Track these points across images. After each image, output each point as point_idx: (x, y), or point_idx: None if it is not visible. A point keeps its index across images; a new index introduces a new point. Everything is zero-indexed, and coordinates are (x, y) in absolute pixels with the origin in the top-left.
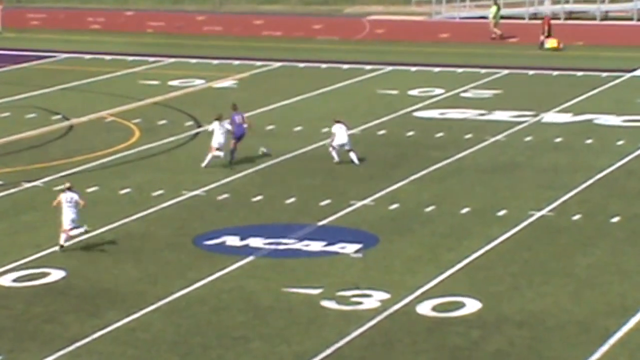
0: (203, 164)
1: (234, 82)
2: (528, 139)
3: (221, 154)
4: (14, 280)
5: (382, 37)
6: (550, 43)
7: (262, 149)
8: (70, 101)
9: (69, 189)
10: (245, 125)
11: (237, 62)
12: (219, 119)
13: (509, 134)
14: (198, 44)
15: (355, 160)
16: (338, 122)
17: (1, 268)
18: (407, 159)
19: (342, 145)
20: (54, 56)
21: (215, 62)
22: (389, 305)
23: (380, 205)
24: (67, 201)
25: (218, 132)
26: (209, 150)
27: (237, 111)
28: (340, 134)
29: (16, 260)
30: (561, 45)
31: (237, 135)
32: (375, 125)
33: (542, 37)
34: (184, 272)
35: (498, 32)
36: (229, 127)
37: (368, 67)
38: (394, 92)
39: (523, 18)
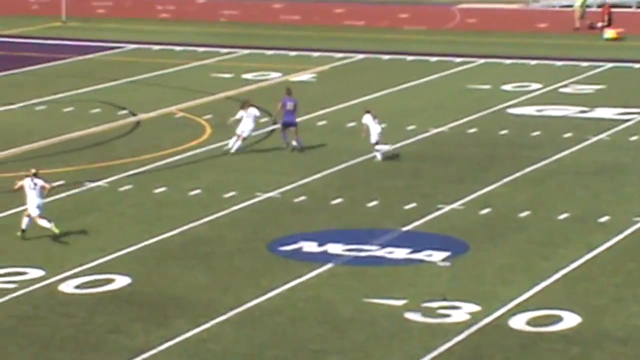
0: (232, 150)
1: (313, 75)
2: (634, 138)
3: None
4: (77, 287)
5: (474, 27)
6: (610, 33)
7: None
8: (137, 95)
9: (35, 175)
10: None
11: (316, 54)
12: (244, 106)
13: (612, 132)
14: (274, 34)
15: (379, 156)
16: (368, 112)
17: (63, 274)
18: (500, 160)
19: (379, 140)
20: (121, 47)
21: (293, 53)
22: (479, 319)
23: (471, 209)
24: (30, 187)
25: (246, 119)
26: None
27: (290, 96)
28: (373, 127)
29: (79, 266)
30: (620, 35)
31: (286, 122)
32: (465, 123)
33: (599, 25)
34: (257, 280)
35: (587, 22)
36: (257, 113)
37: (458, 59)
38: (486, 87)
39: (630, 6)
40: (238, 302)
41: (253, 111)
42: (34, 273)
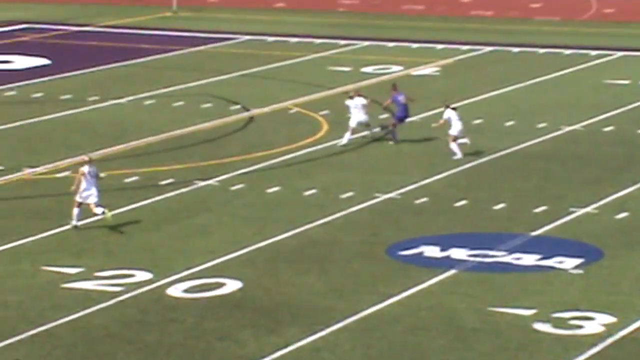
0: (342, 143)
1: (436, 69)
2: None
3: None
4: (185, 291)
5: (612, 18)
6: None
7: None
8: (250, 89)
9: (89, 162)
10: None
11: (440, 46)
12: (353, 96)
13: None
14: (396, 25)
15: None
16: (449, 106)
17: (171, 276)
18: (639, 160)
19: (459, 136)
20: (233, 38)
21: (415, 45)
22: (615, 331)
23: (606, 213)
24: (88, 175)
25: (355, 110)
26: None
27: (397, 91)
28: (455, 123)
29: (188, 268)
30: None
31: (400, 117)
32: (602, 121)
33: None
34: (375, 286)
35: None
36: (364, 101)
37: (594, 52)
38: (625, 82)
39: None
40: (354, 310)
41: (360, 100)
42: (141, 275)
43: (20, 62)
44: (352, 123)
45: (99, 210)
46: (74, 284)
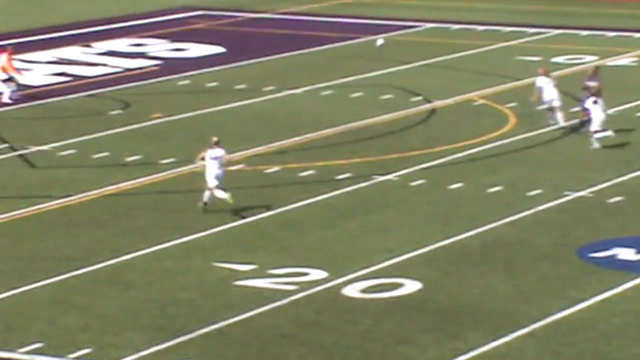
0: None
1: (635, 59)
2: None
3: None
4: (362, 291)
5: None
6: None
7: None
8: (433, 80)
9: (216, 143)
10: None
11: (638, 35)
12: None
13: None
14: (591, 12)
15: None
16: (590, 97)
17: (347, 276)
18: None
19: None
20: (416, 26)
21: (612, 34)
22: None
23: None
24: (211, 157)
25: (547, 86)
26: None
27: (595, 76)
28: (596, 114)
29: (365, 268)
30: None
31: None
32: None
33: None
34: (564, 290)
35: None
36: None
37: None
38: None
39: None
40: (542, 314)
41: (546, 80)
42: (316, 274)
43: (195, 50)
44: (547, 103)
45: (220, 193)
46: (247, 282)
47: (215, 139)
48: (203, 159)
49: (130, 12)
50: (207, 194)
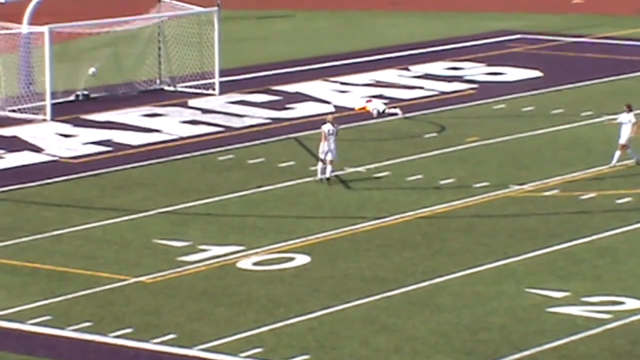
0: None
1: None
2: None
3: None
4: None
5: None
6: None
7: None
8: None
9: (331, 121)
10: None
11: None
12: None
13: None
14: None
15: None
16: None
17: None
18: None
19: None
20: None
21: None
22: None
23: None
24: (329, 133)
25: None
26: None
27: None
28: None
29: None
30: None
31: None
32: None
33: None
34: None
35: None
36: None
37: None
38: None
39: None
40: None
41: (629, 116)
42: (631, 303)
43: (512, 74)
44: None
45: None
46: (560, 309)
47: (331, 116)
48: (324, 133)
49: (448, 36)
50: (319, 165)
